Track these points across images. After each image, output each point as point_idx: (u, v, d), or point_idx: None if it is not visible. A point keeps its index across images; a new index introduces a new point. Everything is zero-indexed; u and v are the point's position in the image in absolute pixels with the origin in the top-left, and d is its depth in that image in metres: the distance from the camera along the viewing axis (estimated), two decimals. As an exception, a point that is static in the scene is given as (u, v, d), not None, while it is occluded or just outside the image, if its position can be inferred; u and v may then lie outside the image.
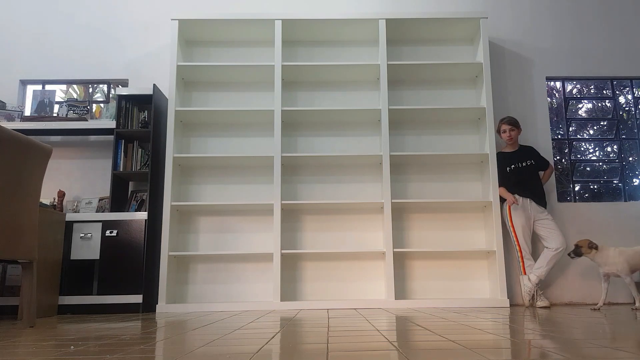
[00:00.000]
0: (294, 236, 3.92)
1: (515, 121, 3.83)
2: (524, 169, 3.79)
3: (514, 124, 3.82)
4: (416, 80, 4.18)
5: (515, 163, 3.81)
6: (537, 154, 3.89)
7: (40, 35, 4.31)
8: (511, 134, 3.80)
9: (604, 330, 1.90)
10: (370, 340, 1.68)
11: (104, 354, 1.46)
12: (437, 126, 4.11)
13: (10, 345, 1.74)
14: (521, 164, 3.80)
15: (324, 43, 4.24)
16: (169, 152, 3.73)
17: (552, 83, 4.48)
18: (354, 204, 3.75)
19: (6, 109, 3.96)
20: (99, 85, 4.45)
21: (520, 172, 3.79)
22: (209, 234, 3.92)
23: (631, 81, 4.40)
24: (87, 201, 3.88)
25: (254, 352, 1.43)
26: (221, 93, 4.15)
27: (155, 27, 4.32)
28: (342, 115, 3.94)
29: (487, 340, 1.63)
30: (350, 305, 3.52)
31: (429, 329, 2.02)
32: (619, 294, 3.87)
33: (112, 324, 2.51)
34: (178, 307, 3.53)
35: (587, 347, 1.45)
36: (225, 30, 4.07)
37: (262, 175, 4.02)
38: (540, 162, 3.87)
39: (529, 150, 3.89)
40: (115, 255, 3.47)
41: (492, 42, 4.27)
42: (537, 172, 3.84)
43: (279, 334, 1.90)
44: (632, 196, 4.25)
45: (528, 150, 3.88)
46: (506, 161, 3.82)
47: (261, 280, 3.85)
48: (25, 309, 2.50)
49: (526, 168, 3.79)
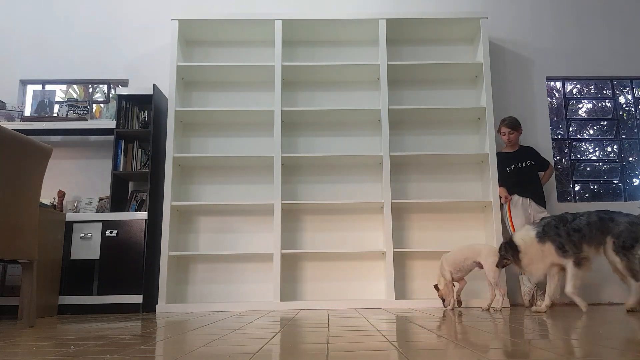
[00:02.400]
0: (294, 236, 3.92)
1: (515, 124, 3.81)
2: (524, 169, 3.78)
3: (513, 127, 3.80)
4: (416, 80, 4.18)
5: (515, 163, 3.80)
6: (537, 154, 3.89)
7: (41, 35, 4.31)
8: (510, 137, 3.80)
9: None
10: (370, 340, 1.68)
11: (104, 354, 1.45)
12: (437, 126, 4.11)
13: (10, 345, 1.74)
14: (521, 164, 3.79)
15: (324, 43, 4.24)
16: (169, 152, 3.73)
17: (552, 83, 4.48)
18: (354, 204, 3.75)
19: (6, 109, 3.96)
20: (99, 85, 4.45)
21: (520, 172, 3.79)
22: (209, 234, 3.92)
23: (631, 81, 4.40)
24: (87, 201, 3.88)
25: (254, 352, 1.43)
26: (221, 93, 4.15)
27: (155, 27, 4.32)
28: (342, 115, 3.93)
29: (487, 340, 1.63)
30: (350, 305, 3.52)
31: (429, 329, 2.02)
32: (622, 293, 3.87)
33: (112, 324, 2.51)
34: (178, 307, 3.53)
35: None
36: (225, 30, 4.07)
37: (262, 175, 4.02)
38: (540, 162, 3.86)
39: (529, 150, 3.88)
40: (115, 255, 3.47)
41: (492, 42, 4.26)
42: (537, 172, 3.84)
43: (279, 334, 1.90)
44: (632, 196, 4.25)
45: (528, 150, 3.88)
46: (506, 161, 3.82)
47: (261, 280, 3.85)
48: (25, 309, 2.50)
49: (526, 168, 3.78)
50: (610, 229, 2.95)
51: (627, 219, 2.95)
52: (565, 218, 3.08)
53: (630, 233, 2.89)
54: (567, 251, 2.98)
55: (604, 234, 2.97)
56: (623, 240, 2.88)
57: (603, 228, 2.97)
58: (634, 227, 2.90)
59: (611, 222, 2.96)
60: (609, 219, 2.98)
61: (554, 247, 3.01)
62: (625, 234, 2.89)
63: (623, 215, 2.98)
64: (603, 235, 2.97)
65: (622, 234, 2.90)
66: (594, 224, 2.99)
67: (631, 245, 2.88)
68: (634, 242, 2.88)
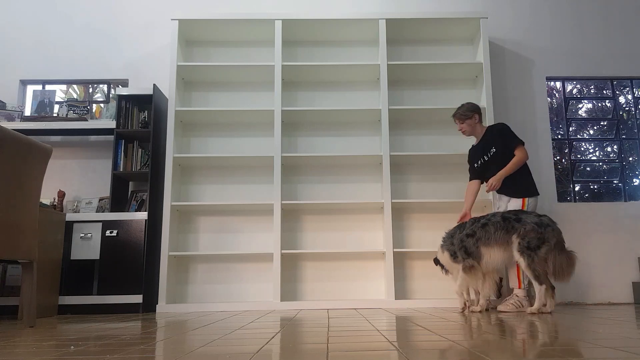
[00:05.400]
0: (294, 236, 3.92)
1: (462, 112, 3.40)
2: (489, 162, 3.34)
3: (460, 117, 3.41)
4: (416, 80, 4.18)
5: (480, 158, 3.40)
6: (502, 135, 3.31)
7: (41, 35, 4.31)
8: (463, 129, 3.43)
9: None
10: (370, 340, 1.68)
11: (104, 354, 1.45)
12: (437, 126, 4.10)
13: (10, 345, 1.74)
14: (485, 157, 3.36)
15: (324, 43, 4.24)
16: (169, 152, 3.73)
17: (552, 83, 4.48)
18: (354, 204, 3.75)
19: (6, 109, 3.96)
20: (99, 85, 4.45)
21: (486, 167, 3.37)
22: (209, 234, 3.92)
23: (631, 81, 4.40)
24: (87, 201, 3.88)
25: (254, 352, 1.43)
26: (221, 93, 4.15)
27: (155, 27, 4.32)
28: (342, 115, 3.94)
29: (486, 340, 1.63)
30: (350, 305, 3.52)
31: (429, 329, 2.02)
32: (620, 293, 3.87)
33: (112, 324, 2.51)
34: (178, 307, 3.53)
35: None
36: (225, 30, 4.07)
37: (262, 175, 4.02)
38: (504, 145, 3.28)
39: (493, 134, 3.34)
40: (115, 255, 3.47)
41: (492, 42, 4.26)
42: (505, 159, 3.27)
43: (279, 334, 1.90)
44: (632, 196, 4.25)
45: (492, 135, 3.34)
46: (472, 157, 3.47)
47: (261, 280, 3.85)
48: (25, 309, 2.50)
49: (491, 161, 3.33)
50: (515, 229, 2.90)
51: (536, 219, 2.88)
52: (464, 225, 3.09)
53: (537, 234, 2.83)
54: (458, 257, 3.03)
55: (510, 234, 2.92)
56: (528, 241, 2.83)
57: (508, 228, 2.92)
58: (541, 228, 2.85)
59: (517, 222, 2.91)
60: (515, 219, 2.93)
61: (448, 255, 3.09)
62: (532, 234, 2.84)
63: (533, 216, 2.91)
64: (508, 235, 2.92)
65: (527, 235, 2.85)
66: (495, 224, 2.95)
67: (536, 247, 2.82)
68: (539, 243, 2.82)
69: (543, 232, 2.84)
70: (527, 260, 2.83)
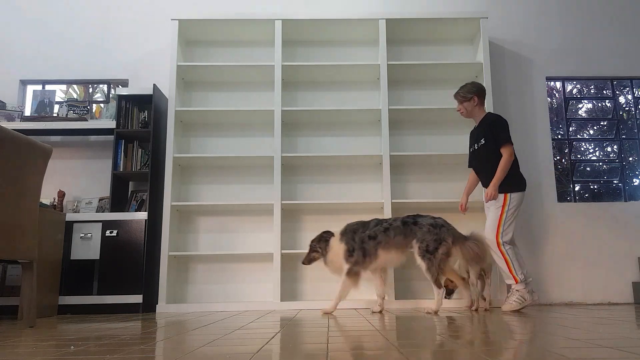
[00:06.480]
0: (294, 236, 3.92)
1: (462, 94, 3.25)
2: (478, 151, 3.24)
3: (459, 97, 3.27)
4: (416, 80, 4.18)
5: (473, 144, 3.30)
6: (492, 128, 3.15)
7: (40, 35, 4.31)
8: (460, 109, 3.30)
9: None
10: (371, 340, 1.68)
11: (104, 354, 1.45)
12: (437, 126, 4.10)
13: (10, 345, 1.74)
14: (476, 145, 3.26)
15: (324, 43, 4.24)
16: (169, 152, 3.73)
17: (552, 83, 4.48)
18: (354, 204, 3.75)
19: (6, 109, 3.96)
20: (99, 85, 4.45)
21: (475, 155, 3.27)
22: (209, 234, 3.92)
23: (631, 81, 4.40)
24: (87, 201, 3.88)
25: (254, 352, 1.43)
26: (221, 93, 4.15)
27: (155, 27, 4.32)
28: (342, 115, 3.93)
29: (486, 340, 1.63)
30: (350, 305, 3.52)
31: (429, 329, 2.02)
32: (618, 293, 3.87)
33: (112, 324, 2.51)
34: (178, 307, 3.53)
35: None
36: (225, 30, 4.07)
37: (262, 175, 4.02)
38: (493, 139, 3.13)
39: (487, 124, 3.21)
40: (115, 255, 3.47)
41: (492, 42, 4.26)
42: (490, 155, 3.15)
43: (279, 334, 1.90)
44: (632, 196, 4.25)
45: (485, 125, 3.21)
46: (470, 141, 3.39)
47: (261, 280, 3.85)
48: (25, 309, 2.50)
49: (480, 150, 3.22)
50: (415, 233, 2.89)
51: (431, 221, 2.87)
52: (368, 224, 3.04)
53: (432, 236, 2.83)
54: (352, 257, 2.96)
55: (408, 238, 2.90)
56: (427, 244, 2.83)
57: (407, 232, 2.90)
58: (436, 229, 2.84)
59: (415, 226, 2.90)
60: (413, 223, 2.91)
61: (344, 249, 3.01)
62: (428, 237, 2.84)
63: (428, 218, 2.90)
64: (409, 239, 2.90)
65: (425, 238, 2.84)
66: (395, 229, 2.92)
67: (434, 249, 2.81)
68: (436, 245, 2.81)
69: (438, 232, 2.85)
70: (426, 263, 2.84)
